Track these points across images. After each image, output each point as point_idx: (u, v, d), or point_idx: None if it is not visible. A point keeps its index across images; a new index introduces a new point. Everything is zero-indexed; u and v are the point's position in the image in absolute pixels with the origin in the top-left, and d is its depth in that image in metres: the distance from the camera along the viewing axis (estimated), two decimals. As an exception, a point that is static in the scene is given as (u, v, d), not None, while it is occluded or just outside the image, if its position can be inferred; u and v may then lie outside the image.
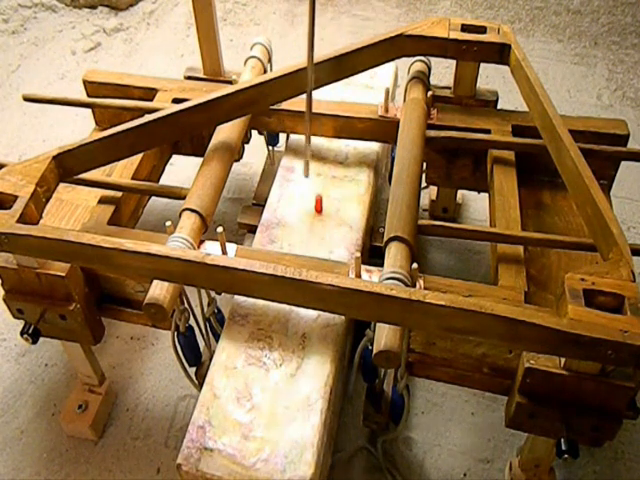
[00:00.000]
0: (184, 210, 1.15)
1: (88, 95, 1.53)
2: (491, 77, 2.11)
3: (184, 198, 1.20)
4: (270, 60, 1.51)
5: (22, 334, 1.19)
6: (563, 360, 0.95)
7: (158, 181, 1.50)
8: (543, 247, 1.17)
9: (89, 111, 1.53)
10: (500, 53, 1.26)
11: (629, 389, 0.94)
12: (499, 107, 1.44)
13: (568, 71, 2.26)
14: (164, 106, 1.39)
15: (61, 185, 1.17)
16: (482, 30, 1.28)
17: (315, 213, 1.27)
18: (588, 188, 0.96)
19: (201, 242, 1.14)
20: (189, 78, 1.56)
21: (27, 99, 1.49)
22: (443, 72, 2.25)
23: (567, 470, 1.36)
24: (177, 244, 1.06)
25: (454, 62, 1.37)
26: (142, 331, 1.55)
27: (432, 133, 1.32)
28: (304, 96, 1.30)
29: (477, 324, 0.81)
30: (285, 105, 1.37)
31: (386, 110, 1.37)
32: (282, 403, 1.02)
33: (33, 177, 1.06)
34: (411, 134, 1.26)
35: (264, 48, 1.48)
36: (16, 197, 1.04)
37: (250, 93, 1.17)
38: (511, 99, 1.72)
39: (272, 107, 1.34)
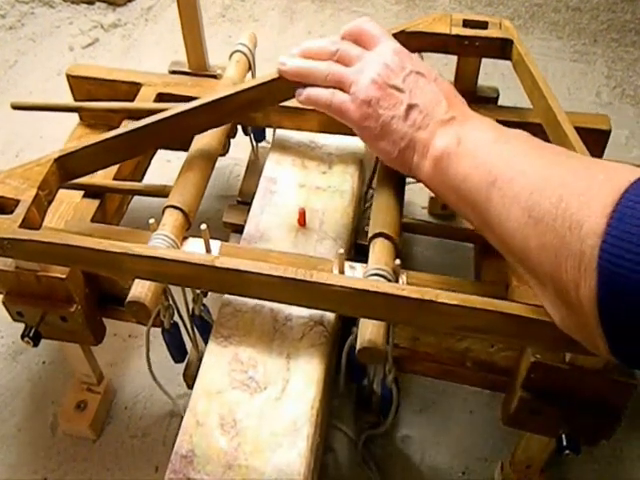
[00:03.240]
0: (167, 207, 1.14)
1: (72, 90, 1.52)
2: (490, 74, 2.11)
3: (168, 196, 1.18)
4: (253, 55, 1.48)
5: (23, 337, 1.17)
6: (568, 356, 0.95)
7: (143, 177, 1.49)
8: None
9: (86, 108, 1.51)
10: (502, 48, 1.25)
11: (631, 386, 0.94)
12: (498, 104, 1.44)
13: (567, 68, 2.25)
14: (147, 106, 1.38)
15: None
16: (484, 25, 1.27)
17: (298, 226, 1.25)
18: (595, 186, 0.96)
19: (185, 239, 1.13)
20: (174, 72, 1.55)
21: (15, 107, 1.48)
22: (442, 69, 2.24)
23: (565, 468, 1.36)
24: (159, 241, 1.05)
25: (451, 58, 1.36)
26: (140, 329, 1.54)
27: None
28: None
29: (489, 323, 0.81)
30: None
31: None
32: (267, 428, 0.99)
33: (35, 180, 1.04)
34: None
35: (249, 42, 1.47)
36: (18, 201, 1.01)
37: (255, 92, 1.16)
38: (510, 95, 1.71)
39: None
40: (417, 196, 1.85)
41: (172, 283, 1.09)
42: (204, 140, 1.26)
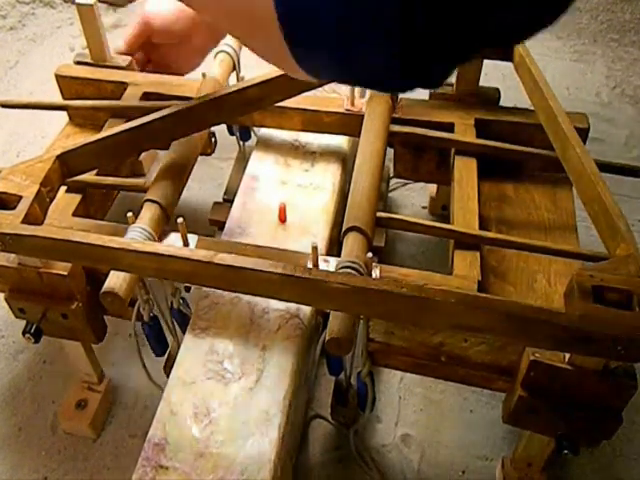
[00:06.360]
0: (145, 201, 1.15)
1: (61, 90, 1.53)
2: (490, 74, 2.11)
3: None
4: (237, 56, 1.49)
5: (24, 334, 1.18)
6: (568, 355, 0.95)
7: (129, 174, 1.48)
8: (498, 247, 1.17)
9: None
10: (504, 50, 1.26)
11: (632, 387, 0.94)
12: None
13: (567, 68, 2.26)
14: (131, 104, 1.39)
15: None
16: (486, 27, 1.28)
17: (279, 222, 1.26)
18: (594, 185, 0.96)
19: (163, 232, 1.14)
20: (78, 63, 1.54)
21: (3, 105, 1.49)
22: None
23: (565, 467, 1.36)
24: (135, 234, 1.07)
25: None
26: (141, 328, 1.55)
27: (395, 128, 1.32)
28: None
29: (486, 321, 0.81)
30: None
31: (352, 104, 1.37)
32: (240, 418, 1.00)
33: (37, 177, 1.05)
34: (374, 127, 1.26)
35: (234, 43, 1.47)
36: (20, 197, 1.02)
37: (256, 91, 1.16)
38: (510, 96, 1.72)
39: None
40: (417, 196, 1.85)
41: (172, 279, 1.10)
42: (185, 137, 1.26)
